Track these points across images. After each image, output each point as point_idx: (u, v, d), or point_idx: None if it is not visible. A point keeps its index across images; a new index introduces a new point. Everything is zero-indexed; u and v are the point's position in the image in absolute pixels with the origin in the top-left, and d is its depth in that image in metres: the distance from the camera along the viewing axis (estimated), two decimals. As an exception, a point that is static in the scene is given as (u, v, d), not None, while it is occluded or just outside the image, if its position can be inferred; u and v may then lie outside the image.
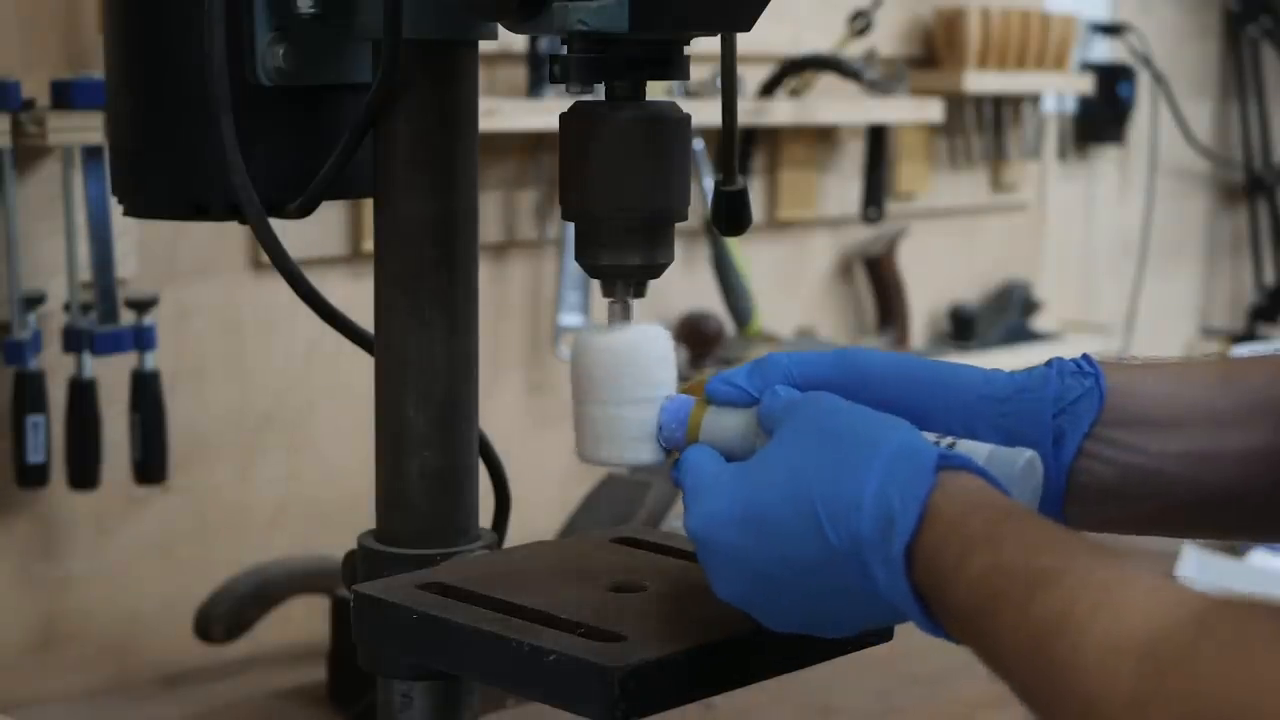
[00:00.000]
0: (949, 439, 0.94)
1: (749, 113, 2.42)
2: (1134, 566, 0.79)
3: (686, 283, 2.42)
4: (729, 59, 1.16)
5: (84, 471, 1.80)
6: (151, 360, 1.82)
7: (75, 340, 1.77)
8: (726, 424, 0.98)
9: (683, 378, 1.05)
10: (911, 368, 0.99)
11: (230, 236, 1.94)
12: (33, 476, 1.77)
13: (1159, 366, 1.00)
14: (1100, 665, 0.74)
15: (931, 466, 0.86)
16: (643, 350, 1.00)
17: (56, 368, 1.78)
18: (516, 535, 1.20)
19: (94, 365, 1.79)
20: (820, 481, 0.87)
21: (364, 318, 1.16)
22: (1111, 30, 3.21)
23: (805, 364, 0.99)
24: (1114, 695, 0.73)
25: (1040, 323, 3.02)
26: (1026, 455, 0.92)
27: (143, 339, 1.80)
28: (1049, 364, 0.99)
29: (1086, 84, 3.03)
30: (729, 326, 2.46)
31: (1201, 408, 0.97)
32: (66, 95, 1.70)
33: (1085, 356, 0.99)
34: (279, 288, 1.16)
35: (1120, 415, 0.97)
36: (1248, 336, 3.41)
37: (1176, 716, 0.70)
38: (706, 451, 0.96)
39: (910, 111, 2.66)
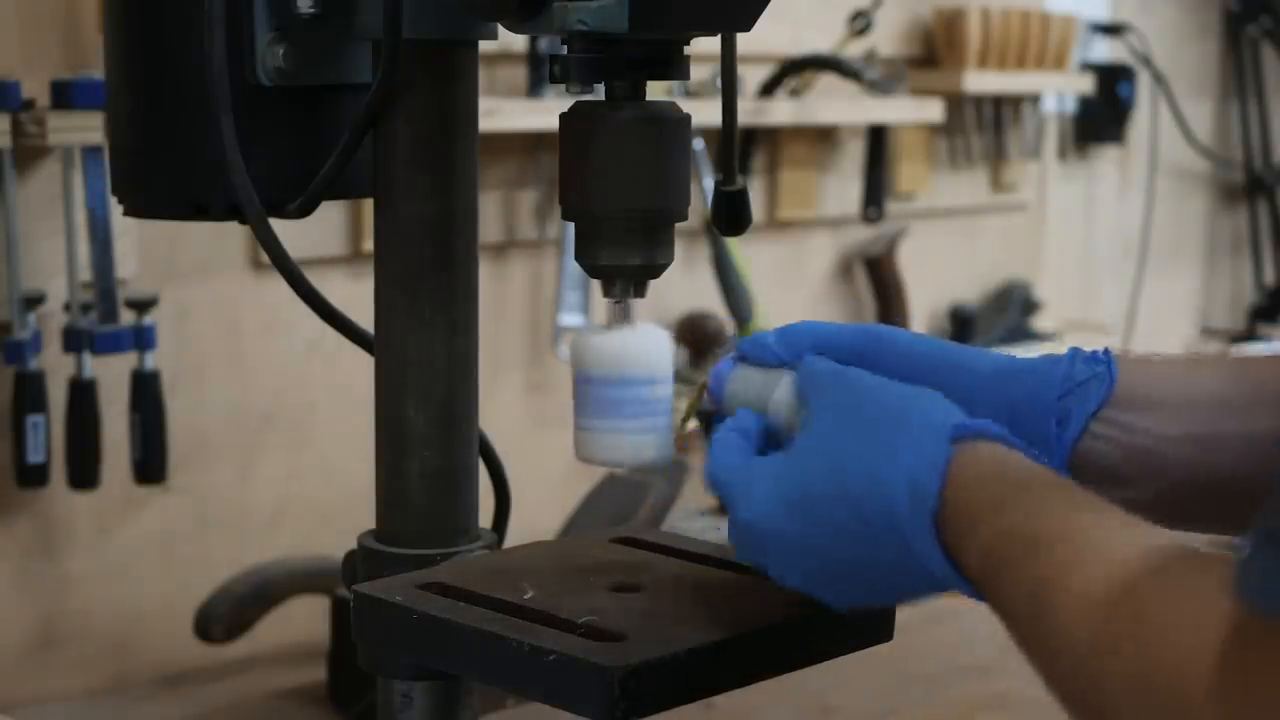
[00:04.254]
0: None
1: (749, 113, 2.42)
2: (1118, 516, 0.82)
3: (686, 283, 2.42)
4: (729, 59, 1.16)
5: (84, 471, 1.80)
6: (151, 360, 1.82)
7: (75, 340, 1.77)
8: (753, 379, 1.01)
9: (682, 378, 1.05)
10: (934, 346, 1.03)
11: (230, 236, 1.94)
12: (33, 476, 1.77)
13: (1174, 358, 1.04)
14: (1073, 611, 0.77)
15: (947, 439, 0.89)
16: (641, 350, 1.00)
17: (56, 368, 1.78)
18: (516, 535, 1.20)
19: (94, 365, 1.79)
20: (857, 464, 0.90)
21: (364, 318, 1.16)
22: (1111, 30, 3.21)
23: (832, 333, 1.02)
24: (1079, 642, 0.76)
25: (1040, 323, 3.02)
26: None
27: (143, 339, 1.80)
28: (1067, 351, 1.02)
29: (1086, 84, 3.03)
30: (729, 326, 2.45)
31: (1209, 393, 1.00)
32: (66, 95, 1.69)
33: (1105, 349, 1.02)
34: (279, 288, 1.16)
35: (1128, 398, 1.00)
36: (1248, 336, 3.41)
37: (1128, 662, 0.73)
38: (734, 441, 0.98)
39: (910, 111, 2.66)
